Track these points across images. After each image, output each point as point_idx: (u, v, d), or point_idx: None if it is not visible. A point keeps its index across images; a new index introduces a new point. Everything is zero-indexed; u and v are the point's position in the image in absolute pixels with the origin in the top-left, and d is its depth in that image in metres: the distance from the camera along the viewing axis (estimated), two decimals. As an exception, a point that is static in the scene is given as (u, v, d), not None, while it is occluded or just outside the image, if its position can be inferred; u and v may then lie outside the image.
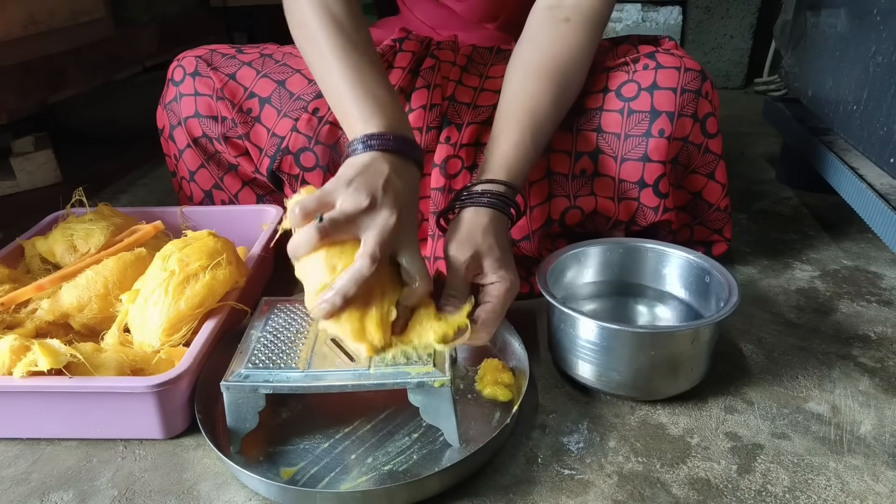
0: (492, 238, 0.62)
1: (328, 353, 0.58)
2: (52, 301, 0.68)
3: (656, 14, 2.03)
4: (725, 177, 0.82)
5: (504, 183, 0.66)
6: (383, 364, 0.56)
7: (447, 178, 0.79)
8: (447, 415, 0.56)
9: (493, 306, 0.60)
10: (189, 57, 0.88)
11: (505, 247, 0.63)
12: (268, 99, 0.84)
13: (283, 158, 0.84)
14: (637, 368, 0.61)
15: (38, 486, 0.56)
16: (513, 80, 0.73)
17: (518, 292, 0.63)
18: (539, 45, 0.73)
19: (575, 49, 0.73)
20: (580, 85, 0.75)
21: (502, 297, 0.60)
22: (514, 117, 0.70)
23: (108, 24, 1.39)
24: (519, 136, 0.68)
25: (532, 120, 0.69)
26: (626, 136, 0.77)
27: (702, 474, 0.56)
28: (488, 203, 0.64)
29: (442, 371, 0.55)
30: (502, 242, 0.63)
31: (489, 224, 0.63)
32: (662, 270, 0.74)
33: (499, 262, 0.61)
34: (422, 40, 0.89)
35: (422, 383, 0.55)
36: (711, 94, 0.78)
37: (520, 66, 0.73)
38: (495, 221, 0.63)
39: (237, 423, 0.56)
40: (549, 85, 0.71)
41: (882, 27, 0.84)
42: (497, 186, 0.65)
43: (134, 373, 0.61)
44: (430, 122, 0.80)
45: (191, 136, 0.87)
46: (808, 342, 0.74)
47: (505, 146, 0.68)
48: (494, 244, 0.62)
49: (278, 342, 0.60)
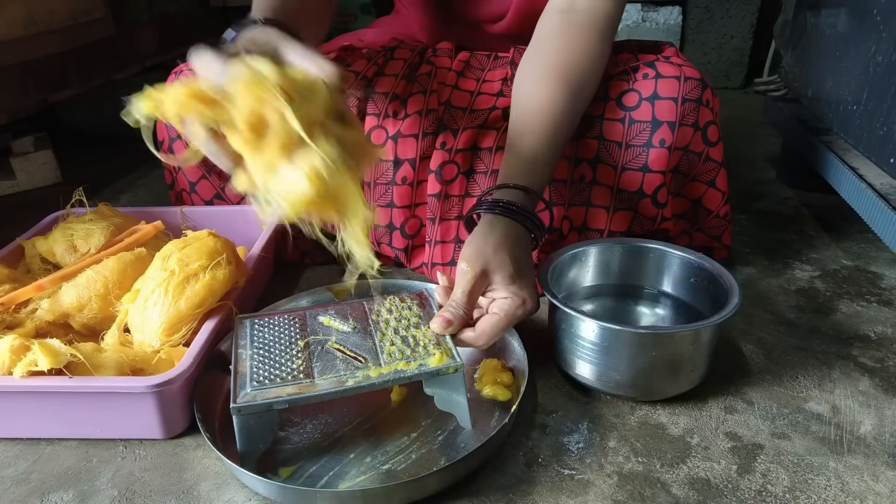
0: (505, 252, 0.60)
1: (332, 359, 0.57)
2: (52, 301, 0.68)
3: (656, 14, 2.03)
4: (726, 184, 0.82)
5: (521, 188, 0.64)
6: (392, 360, 0.56)
7: (443, 184, 0.79)
8: (460, 400, 0.57)
9: (498, 321, 0.59)
10: (187, 70, 0.87)
11: (521, 261, 0.62)
12: None
13: None
14: (637, 369, 0.61)
15: (38, 486, 0.56)
16: (525, 84, 0.71)
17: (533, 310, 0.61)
18: (551, 50, 0.72)
19: (588, 53, 0.71)
20: (594, 89, 0.74)
21: (509, 315, 0.59)
22: (529, 121, 0.68)
23: (108, 24, 1.39)
24: (535, 141, 0.67)
25: (547, 124, 0.68)
26: (627, 145, 0.77)
27: (702, 474, 0.56)
28: (502, 212, 0.62)
29: (453, 358, 0.56)
30: (519, 256, 0.61)
31: (504, 237, 0.61)
32: (663, 271, 0.74)
33: (511, 279, 0.60)
34: (414, 48, 0.88)
35: (438, 371, 0.55)
36: (712, 102, 0.78)
37: (532, 70, 0.72)
38: (511, 233, 0.62)
39: (250, 446, 0.54)
40: (564, 88, 0.69)
41: (882, 27, 0.84)
42: (513, 194, 0.64)
43: (134, 373, 0.61)
44: (426, 127, 0.80)
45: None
46: (808, 342, 0.74)
47: (522, 151, 0.67)
48: (507, 259, 0.60)
49: (273, 356, 0.57)
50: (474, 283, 0.60)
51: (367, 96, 0.82)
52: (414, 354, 0.57)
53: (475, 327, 0.60)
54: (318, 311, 0.64)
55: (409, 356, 0.57)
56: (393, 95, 0.82)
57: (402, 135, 0.80)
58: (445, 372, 0.56)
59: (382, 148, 0.76)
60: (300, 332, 0.61)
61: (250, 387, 0.54)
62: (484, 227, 0.63)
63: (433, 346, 0.57)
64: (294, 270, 0.92)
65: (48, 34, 1.21)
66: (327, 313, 0.63)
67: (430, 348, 0.57)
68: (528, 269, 0.63)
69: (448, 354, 0.57)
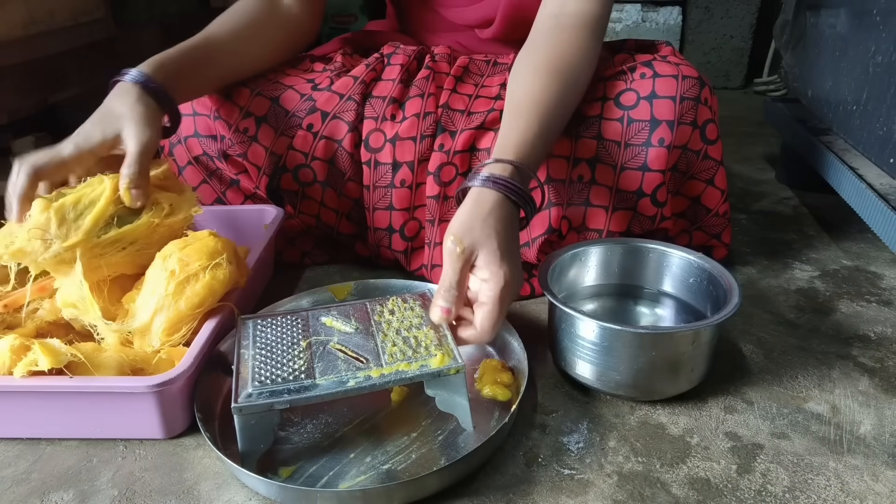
0: (490, 227, 0.58)
1: (334, 359, 0.57)
2: (53, 301, 0.68)
3: (656, 14, 2.03)
4: (725, 182, 0.82)
5: (511, 163, 0.62)
6: (394, 360, 0.56)
7: (441, 185, 0.79)
8: (462, 402, 0.57)
9: (489, 310, 0.57)
10: None
11: (507, 236, 0.59)
12: (264, 118, 0.83)
13: (282, 176, 0.84)
14: (637, 369, 0.61)
15: (38, 486, 0.56)
16: (518, 77, 0.72)
17: (518, 288, 0.60)
18: (543, 48, 0.73)
19: (579, 49, 0.73)
20: (585, 85, 0.75)
21: (497, 299, 0.57)
22: (520, 107, 0.68)
23: (109, 24, 1.39)
24: (526, 124, 0.66)
25: (539, 110, 0.67)
26: (626, 144, 0.77)
27: (702, 474, 0.56)
28: (492, 186, 0.60)
29: (454, 359, 0.56)
30: (505, 231, 0.59)
31: (491, 210, 0.59)
32: (663, 271, 0.74)
33: (493, 255, 0.57)
34: (410, 54, 0.89)
35: (439, 373, 0.55)
36: (711, 100, 0.78)
37: (524, 65, 0.73)
38: (500, 207, 0.60)
39: (251, 446, 0.54)
40: (555, 80, 0.70)
41: (882, 27, 0.84)
42: (503, 167, 0.62)
43: (134, 373, 0.61)
44: (424, 130, 0.80)
45: (191, 154, 0.87)
46: (807, 342, 0.74)
47: (512, 132, 0.65)
48: (493, 233, 0.58)
49: (275, 356, 0.58)
50: (464, 261, 0.57)
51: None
52: (415, 355, 0.57)
53: (475, 324, 0.59)
54: (320, 312, 0.64)
55: (411, 357, 0.57)
56: (391, 99, 0.82)
57: (400, 137, 0.80)
58: (447, 373, 0.55)
59: (194, 200, 0.75)
60: (302, 332, 0.61)
61: (252, 387, 0.54)
62: (471, 201, 0.60)
63: (435, 347, 0.57)
64: (294, 270, 0.92)
65: (48, 34, 1.21)
66: (330, 314, 0.63)
67: (432, 349, 0.57)
68: (514, 246, 0.60)
69: (449, 356, 0.56)
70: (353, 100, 0.82)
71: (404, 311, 0.63)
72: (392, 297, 0.65)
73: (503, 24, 0.89)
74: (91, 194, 0.65)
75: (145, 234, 0.67)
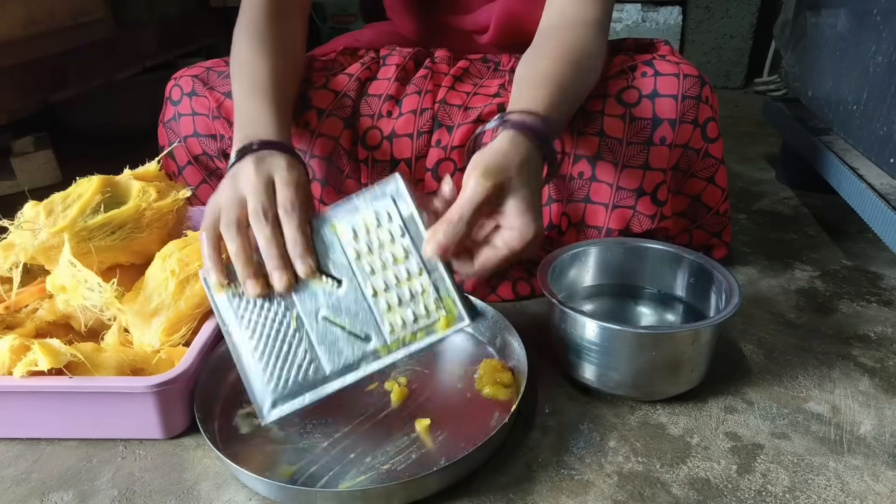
0: (527, 175, 0.54)
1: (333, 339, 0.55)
2: (53, 301, 0.68)
3: (656, 14, 2.03)
4: (725, 181, 0.82)
5: (539, 115, 0.59)
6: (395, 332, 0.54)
7: (439, 182, 0.79)
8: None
9: (501, 257, 0.53)
10: (185, 76, 0.86)
11: (538, 190, 0.56)
12: None
13: None
14: (637, 369, 0.61)
15: (38, 486, 0.56)
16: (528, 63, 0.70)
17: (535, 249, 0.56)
18: (550, 44, 0.72)
19: (586, 44, 0.72)
20: (597, 75, 0.73)
21: (515, 250, 0.53)
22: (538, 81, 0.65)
23: (109, 24, 1.39)
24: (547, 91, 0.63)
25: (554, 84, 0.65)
26: (627, 142, 0.77)
27: (702, 474, 0.56)
28: (530, 135, 0.55)
29: (459, 317, 0.53)
30: (537, 184, 0.56)
31: (529, 159, 0.55)
32: (663, 271, 0.74)
33: (528, 205, 0.53)
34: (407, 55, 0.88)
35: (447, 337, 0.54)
36: (711, 99, 0.78)
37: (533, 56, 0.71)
38: (534, 158, 0.57)
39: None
40: (568, 64, 0.68)
41: (882, 27, 0.84)
42: (534, 119, 0.58)
43: (134, 373, 0.61)
44: (421, 126, 0.79)
45: (191, 154, 0.87)
46: (808, 342, 0.74)
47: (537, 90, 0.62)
48: (530, 182, 0.54)
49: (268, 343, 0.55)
50: (486, 199, 0.51)
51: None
52: (417, 320, 0.54)
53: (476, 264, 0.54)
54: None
55: (413, 325, 0.54)
56: (387, 96, 0.82)
57: (397, 134, 0.80)
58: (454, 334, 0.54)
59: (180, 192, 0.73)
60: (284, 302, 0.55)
61: (269, 395, 0.54)
62: (507, 141, 0.55)
63: (433, 301, 0.54)
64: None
65: (48, 34, 1.21)
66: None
67: (432, 306, 0.54)
68: (539, 197, 0.56)
69: (453, 314, 0.53)
70: (348, 97, 0.82)
71: (380, 237, 0.55)
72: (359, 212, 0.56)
73: (497, 31, 0.88)
74: (79, 190, 0.67)
75: (133, 218, 0.67)
